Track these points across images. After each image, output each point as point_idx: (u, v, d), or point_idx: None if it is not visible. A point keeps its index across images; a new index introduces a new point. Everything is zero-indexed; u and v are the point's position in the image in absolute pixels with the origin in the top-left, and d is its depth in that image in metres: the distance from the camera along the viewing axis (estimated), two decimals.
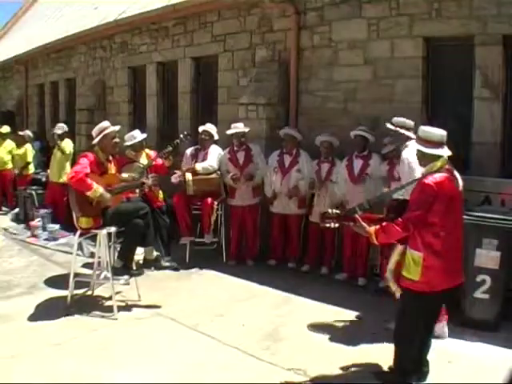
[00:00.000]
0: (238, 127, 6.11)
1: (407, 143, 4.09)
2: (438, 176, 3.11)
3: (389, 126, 4.25)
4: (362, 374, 3.53)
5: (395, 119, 4.25)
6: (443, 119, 5.26)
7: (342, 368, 3.61)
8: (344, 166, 5.54)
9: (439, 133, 3.22)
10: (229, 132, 6.12)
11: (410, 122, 4.23)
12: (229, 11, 7.30)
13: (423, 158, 3.25)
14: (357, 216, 3.37)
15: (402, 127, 4.17)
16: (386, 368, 3.53)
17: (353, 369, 3.61)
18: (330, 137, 5.72)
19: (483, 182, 4.79)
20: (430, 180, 3.09)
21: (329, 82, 6.24)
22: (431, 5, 5.29)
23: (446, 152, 3.20)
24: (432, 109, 5.56)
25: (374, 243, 3.35)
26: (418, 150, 3.25)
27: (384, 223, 3.21)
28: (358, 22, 5.90)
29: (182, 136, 5.65)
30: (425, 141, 3.20)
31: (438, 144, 3.17)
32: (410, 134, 4.10)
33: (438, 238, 3.12)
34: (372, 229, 3.24)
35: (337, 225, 3.44)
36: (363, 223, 3.30)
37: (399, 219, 3.14)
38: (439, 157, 3.17)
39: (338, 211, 3.49)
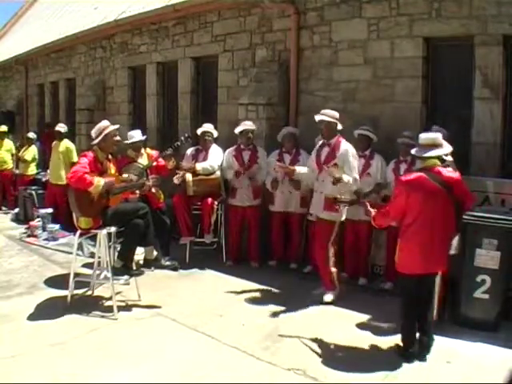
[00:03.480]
0: (247, 124, 6.10)
1: None
2: (414, 174, 3.66)
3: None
4: (363, 375, 3.53)
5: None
6: (443, 119, 5.27)
7: (343, 368, 3.61)
8: None
9: (427, 136, 3.72)
10: (237, 129, 6.08)
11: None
12: (229, 11, 7.30)
13: (418, 159, 3.84)
14: (366, 202, 4.05)
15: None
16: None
17: (353, 369, 3.61)
18: None
19: (483, 182, 4.79)
20: (403, 177, 3.76)
21: (329, 82, 6.24)
22: (431, 5, 5.28)
23: (434, 153, 3.63)
24: (432, 109, 5.56)
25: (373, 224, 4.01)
26: (411, 154, 3.91)
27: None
28: (358, 22, 5.90)
29: (182, 138, 5.66)
30: (419, 145, 3.72)
31: (428, 146, 3.65)
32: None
33: (410, 227, 3.62)
34: (374, 213, 3.90)
35: (347, 207, 4.32)
36: (370, 208, 3.94)
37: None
38: (427, 158, 3.64)
39: (349, 197, 4.27)
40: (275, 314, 4.61)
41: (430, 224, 3.57)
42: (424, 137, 3.73)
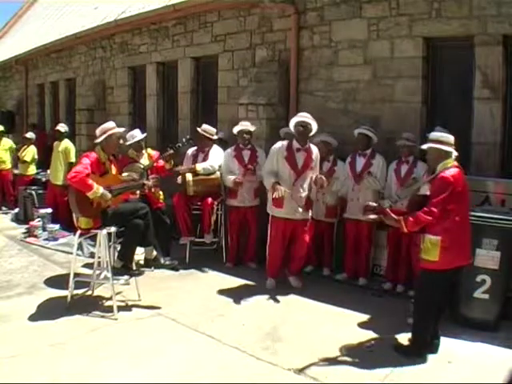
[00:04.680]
0: (245, 125, 6.08)
1: None
2: (453, 170, 3.71)
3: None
4: (363, 374, 3.53)
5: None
6: (443, 119, 5.27)
7: (343, 368, 3.62)
8: (348, 163, 5.55)
9: (452, 137, 3.84)
10: (235, 129, 6.08)
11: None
12: (229, 11, 7.30)
13: (440, 157, 3.77)
14: (387, 210, 3.95)
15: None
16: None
17: (353, 368, 3.62)
18: (327, 137, 5.69)
19: (483, 182, 4.79)
20: (446, 173, 3.68)
21: (329, 81, 6.24)
22: (431, 5, 5.29)
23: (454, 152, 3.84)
24: (432, 109, 5.56)
25: (404, 231, 3.80)
26: (437, 149, 3.76)
27: (411, 213, 3.74)
28: (358, 22, 5.90)
29: (184, 140, 5.65)
30: (443, 142, 3.77)
31: (451, 145, 3.78)
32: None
33: (454, 223, 3.65)
34: (401, 218, 3.74)
35: (375, 216, 4.08)
36: (393, 215, 3.82)
37: (424, 208, 3.65)
38: (451, 155, 3.77)
39: (375, 205, 4.15)
40: (275, 314, 4.61)
41: (467, 216, 3.80)
42: (451, 137, 3.82)
